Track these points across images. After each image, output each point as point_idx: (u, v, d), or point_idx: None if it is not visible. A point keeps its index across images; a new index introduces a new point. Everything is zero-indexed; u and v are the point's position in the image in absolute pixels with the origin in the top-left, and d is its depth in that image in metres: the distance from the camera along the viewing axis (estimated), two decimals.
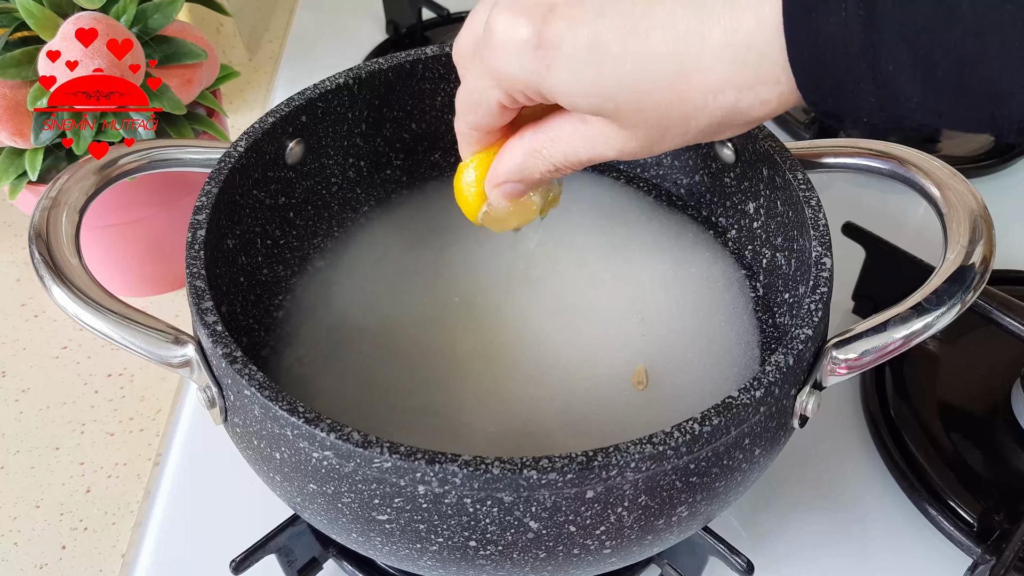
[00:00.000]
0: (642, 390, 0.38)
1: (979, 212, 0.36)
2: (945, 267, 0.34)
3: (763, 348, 0.41)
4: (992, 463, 0.46)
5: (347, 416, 0.35)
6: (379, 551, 0.32)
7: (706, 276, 0.43)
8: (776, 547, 0.44)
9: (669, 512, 0.31)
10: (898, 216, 0.61)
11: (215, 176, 0.37)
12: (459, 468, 0.27)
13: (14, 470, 0.49)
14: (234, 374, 0.30)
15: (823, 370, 0.33)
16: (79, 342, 0.55)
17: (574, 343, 0.41)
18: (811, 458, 0.47)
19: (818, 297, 0.33)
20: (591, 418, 0.38)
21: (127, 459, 0.49)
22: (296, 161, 0.43)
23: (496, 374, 0.39)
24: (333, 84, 0.42)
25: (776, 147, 0.39)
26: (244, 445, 0.34)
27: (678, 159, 0.46)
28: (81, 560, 0.45)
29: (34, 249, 0.34)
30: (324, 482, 0.30)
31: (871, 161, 0.39)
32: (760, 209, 0.42)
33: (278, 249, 0.44)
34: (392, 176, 0.48)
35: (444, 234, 0.45)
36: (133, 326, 0.33)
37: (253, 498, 0.42)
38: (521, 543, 0.30)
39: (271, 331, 0.41)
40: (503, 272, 0.44)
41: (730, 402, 0.29)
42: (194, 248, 0.35)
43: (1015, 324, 0.45)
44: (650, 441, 0.28)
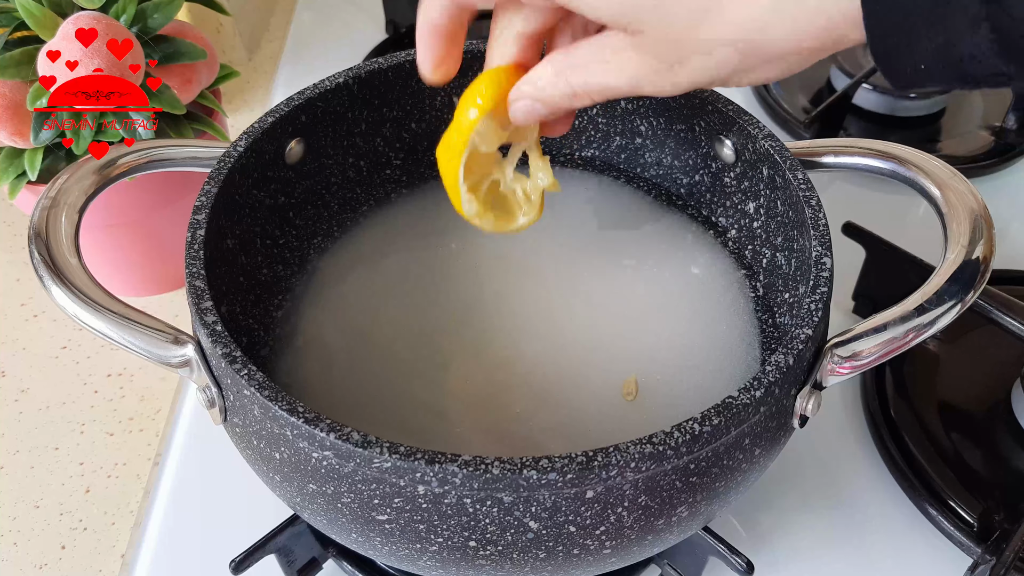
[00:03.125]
0: (631, 400, 0.38)
1: (979, 212, 0.36)
2: (945, 267, 0.34)
3: (763, 348, 0.41)
4: (992, 463, 0.46)
5: (347, 416, 0.35)
6: (379, 551, 0.32)
7: (706, 276, 0.43)
8: (776, 547, 0.44)
9: (669, 512, 0.31)
10: (898, 216, 0.61)
11: (215, 176, 0.37)
12: (459, 468, 0.27)
13: (14, 470, 0.49)
14: (234, 374, 0.30)
15: (823, 370, 0.33)
16: (79, 342, 0.55)
17: (573, 343, 0.41)
18: (811, 458, 0.47)
19: (818, 297, 0.33)
20: (588, 421, 0.38)
21: (127, 459, 0.49)
22: (296, 161, 0.43)
23: (496, 374, 0.39)
24: (333, 84, 0.42)
25: (776, 147, 0.39)
26: (244, 445, 0.34)
27: (678, 159, 0.46)
28: (81, 560, 0.45)
29: (34, 249, 0.34)
30: (324, 482, 0.30)
31: (871, 161, 0.39)
32: (760, 209, 0.42)
33: (278, 249, 0.44)
34: (392, 176, 0.48)
35: (444, 234, 0.45)
36: (133, 326, 0.33)
37: (253, 498, 0.42)
38: (521, 543, 0.29)
39: (271, 331, 0.41)
40: (502, 272, 0.44)
41: (730, 402, 0.29)
42: (194, 248, 0.35)
43: (1015, 324, 0.45)
44: (650, 441, 0.28)
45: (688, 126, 0.45)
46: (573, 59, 0.30)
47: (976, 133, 0.67)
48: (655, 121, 0.46)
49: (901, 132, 0.68)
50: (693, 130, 0.45)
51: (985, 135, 0.67)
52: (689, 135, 0.45)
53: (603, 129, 0.48)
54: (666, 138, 0.46)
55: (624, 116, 0.47)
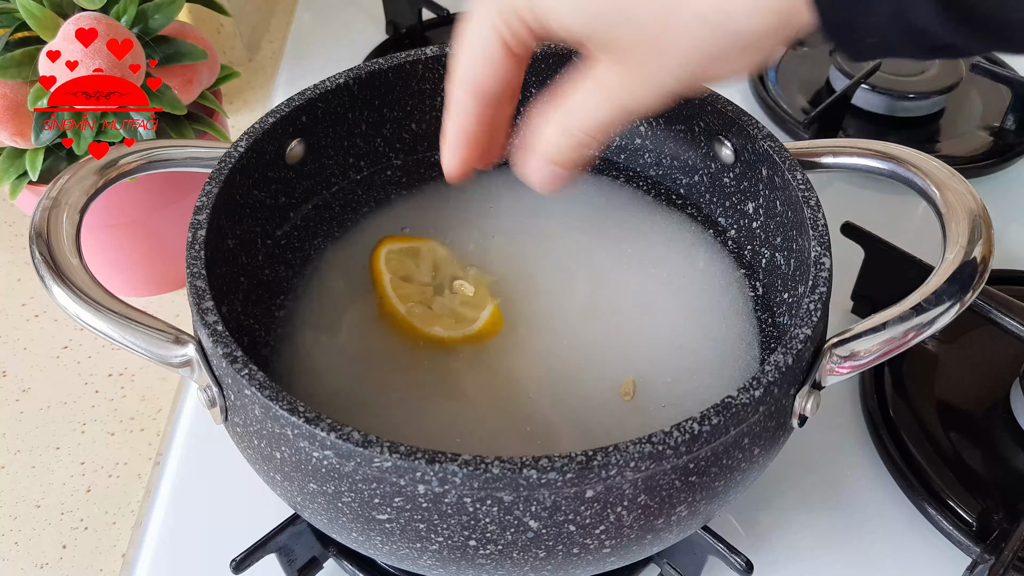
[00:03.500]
0: (628, 400, 0.38)
1: (978, 212, 0.36)
2: (944, 267, 0.34)
3: (763, 347, 0.41)
4: (991, 463, 0.46)
5: (347, 415, 0.35)
6: (379, 550, 0.32)
7: (705, 275, 0.43)
8: (775, 546, 0.44)
9: (669, 511, 0.31)
10: (897, 216, 0.61)
11: (215, 176, 0.38)
12: (459, 467, 0.27)
13: (15, 470, 0.49)
14: (234, 374, 0.30)
15: (822, 370, 0.33)
16: (80, 342, 0.55)
17: (572, 343, 0.41)
18: (810, 458, 0.47)
19: (817, 297, 0.33)
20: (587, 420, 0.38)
21: (128, 459, 0.49)
22: (296, 161, 0.43)
23: (497, 373, 0.39)
24: (333, 84, 0.42)
25: (775, 147, 0.39)
26: (244, 445, 0.34)
27: (678, 159, 0.47)
28: (81, 560, 0.45)
29: (35, 249, 0.34)
30: (324, 481, 0.30)
31: (870, 161, 0.39)
32: (759, 209, 0.42)
33: (278, 249, 0.44)
34: (392, 176, 0.48)
35: (443, 234, 0.45)
36: (133, 326, 0.33)
37: (254, 498, 0.42)
38: (521, 542, 0.30)
39: (271, 331, 0.41)
40: (502, 271, 0.44)
41: (729, 402, 0.30)
42: (194, 248, 0.35)
43: (1014, 324, 0.45)
44: (649, 440, 0.28)
45: (687, 126, 0.45)
46: (567, 105, 0.30)
47: (975, 133, 0.68)
48: (655, 121, 0.46)
49: (900, 132, 0.68)
50: (692, 130, 0.45)
51: (984, 135, 0.67)
52: (688, 135, 0.45)
53: None
54: (666, 138, 0.47)
55: None
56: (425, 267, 0.43)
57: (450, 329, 0.40)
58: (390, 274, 0.42)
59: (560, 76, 0.45)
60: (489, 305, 0.41)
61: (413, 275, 0.43)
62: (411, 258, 0.43)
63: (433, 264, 0.43)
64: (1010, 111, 0.67)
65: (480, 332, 0.40)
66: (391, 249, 0.43)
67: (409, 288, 0.42)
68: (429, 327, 0.40)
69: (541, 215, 0.46)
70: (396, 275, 0.42)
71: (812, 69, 0.74)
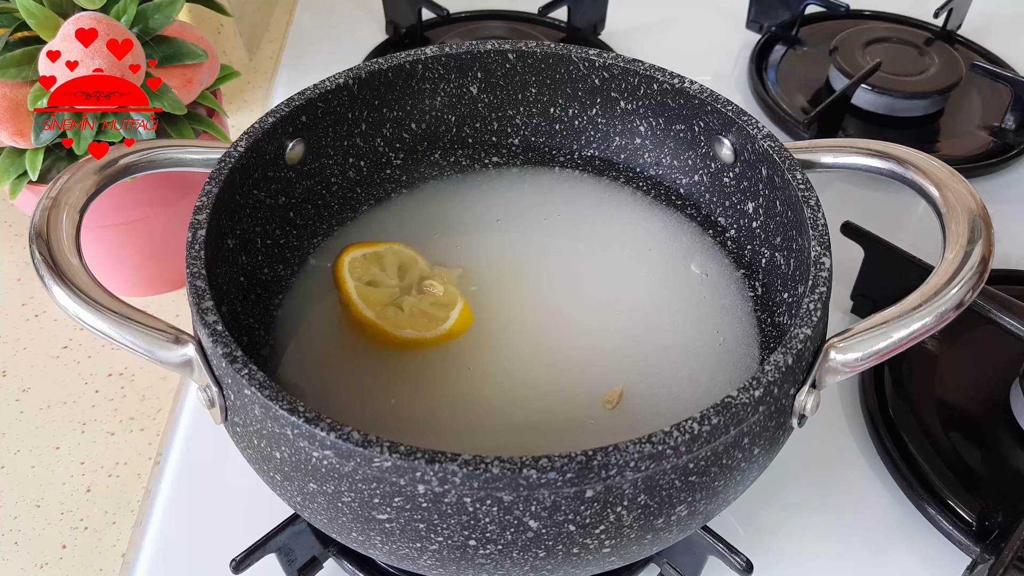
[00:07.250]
0: (611, 408, 0.38)
1: (978, 212, 0.36)
2: (944, 267, 0.34)
3: (762, 347, 0.41)
4: (991, 462, 0.46)
5: (347, 415, 0.35)
6: (379, 550, 0.32)
7: (705, 275, 0.43)
8: (775, 546, 0.44)
9: (668, 511, 0.31)
10: (897, 216, 0.61)
11: (215, 176, 0.38)
12: (459, 467, 0.27)
13: (15, 469, 0.49)
14: (234, 374, 0.30)
15: (822, 370, 0.33)
16: (79, 342, 0.55)
17: (571, 343, 0.41)
18: (810, 457, 0.47)
19: (817, 297, 0.33)
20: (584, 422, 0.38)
21: (127, 458, 0.49)
22: (296, 161, 0.43)
23: (496, 373, 0.39)
24: (333, 84, 0.43)
25: (775, 147, 0.39)
26: (244, 444, 0.34)
27: (677, 159, 0.47)
28: (81, 559, 0.45)
29: (34, 249, 0.34)
30: (324, 481, 0.30)
31: (870, 161, 0.39)
32: (759, 209, 0.42)
33: (278, 249, 0.44)
34: (392, 176, 0.48)
35: (443, 234, 0.45)
36: (133, 326, 0.33)
37: (253, 497, 0.42)
38: (521, 542, 0.30)
39: (271, 330, 0.41)
40: (501, 271, 0.44)
41: (729, 401, 0.30)
42: (194, 248, 0.35)
43: (1014, 324, 0.45)
44: (649, 440, 0.28)
45: (687, 126, 0.45)
46: None
47: (975, 133, 0.68)
48: (654, 121, 0.46)
49: (900, 132, 0.68)
50: (692, 130, 0.45)
51: (984, 135, 0.67)
52: (688, 135, 0.45)
53: (603, 129, 0.48)
54: (665, 138, 0.47)
55: (624, 116, 0.47)
56: (391, 269, 0.43)
57: (422, 330, 0.40)
58: (355, 281, 0.42)
59: (560, 76, 0.45)
60: (459, 303, 0.41)
61: (378, 279, 0.42)
62: (375, 263, 0.43)
63: (399, 266, 0.43)
64: (1010, 111, 0.67)
65: (451, 330, 0.40)
66: (354, 257, 0.43)
67: (376, 292, 0.42)
68: (399, 330, 0.40)
69: (541, 215, 0.46)
70: (361, 281, 0.42)
71: (812, 69, 0.74)
